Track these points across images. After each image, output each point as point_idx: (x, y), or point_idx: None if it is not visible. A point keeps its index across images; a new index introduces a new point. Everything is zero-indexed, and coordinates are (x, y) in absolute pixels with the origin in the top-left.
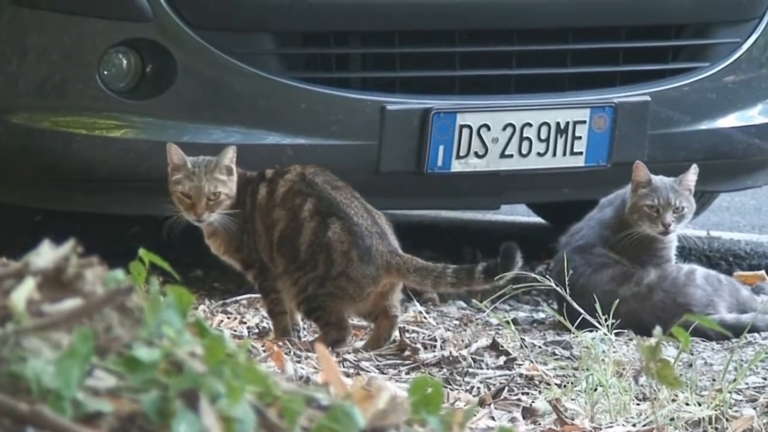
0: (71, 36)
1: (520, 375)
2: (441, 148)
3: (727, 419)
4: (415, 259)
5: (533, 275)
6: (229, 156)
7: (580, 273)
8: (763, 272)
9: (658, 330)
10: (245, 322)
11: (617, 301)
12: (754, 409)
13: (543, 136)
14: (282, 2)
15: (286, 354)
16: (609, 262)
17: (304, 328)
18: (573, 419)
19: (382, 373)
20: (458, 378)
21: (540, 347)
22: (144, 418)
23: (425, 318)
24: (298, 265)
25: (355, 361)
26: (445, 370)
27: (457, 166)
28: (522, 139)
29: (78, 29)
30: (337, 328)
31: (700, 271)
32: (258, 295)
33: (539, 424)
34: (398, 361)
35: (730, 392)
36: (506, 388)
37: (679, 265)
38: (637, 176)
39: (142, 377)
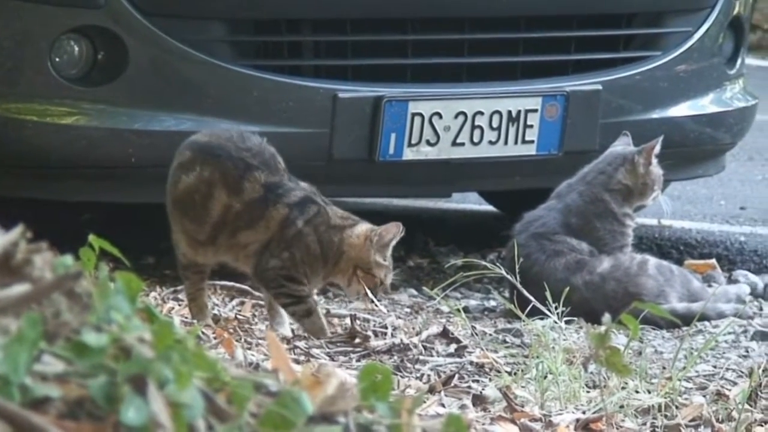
0: (23, 22)
1: (471, 362)
2: (393, 136)
3: (676, 407)
4: None
5: (484, 263)
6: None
7: (534, 260)
8: (713, 261)
9: (607, 318)
10: None
11: (568, 289)
12: (704, 396)
13: (495, 124)
14: None
15: (237, 341)
16: (564, 250)
17: (254, 315)
18: (523, 406)
19: (333, 360)
20: (409, 365)
21: (491, 335)
22: (92, 403)
23: (376, 305)
24: None
25: (305, 348)
26: (395, 357)
27: (408, 154)
28: (474, 127)
29: (29, 16)
30: None
31: (653, 261)
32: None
33: (489, 411)
34: (349, 349)
35: (679, 380)
36: (456, 376)
37: (632, 255)
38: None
39: (91, 362)
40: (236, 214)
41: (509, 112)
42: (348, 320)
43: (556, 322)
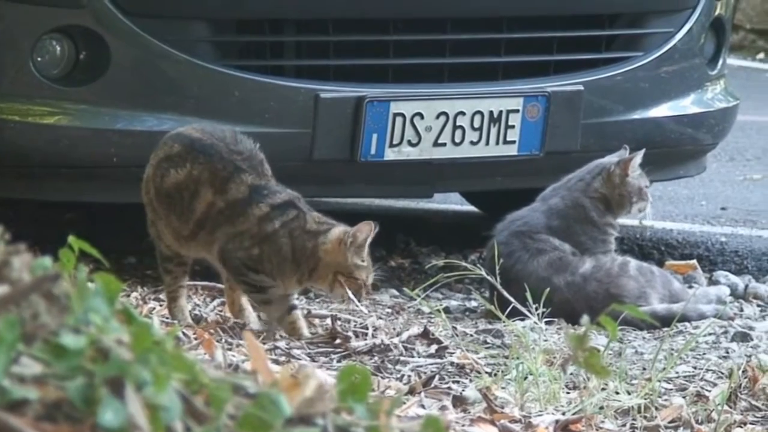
0: (4, 22)
1: (451, 363)
2: (374, 137)
3: (656, 408)
4: None
5: (465, 264)
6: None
7: (517, 258)
8: (694, 262)
9: (585, 319)
10: None
11: (549, 289)
12: (684, 397)
13: (476, 124)
14: None
15: (217, 341)
16: (547, 248)
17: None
18: (503, 407)
19: (313, 360)
20: (389, 366)
21: (471, 336)
22: (70, 405)
23: (357, 306)
24: None
25: (286, 348)
26: (376, 358)
27: (390, 155)
28: (455, 127)
29: (11, 16)
30: None
31: (634, 262)
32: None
33: (469, 412)
34: (329, 349)
35: (659, 381)
36: (437, 377)
37: (613, 256)
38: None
39: (68, 364)
40: (218, 212)
41: (491, 113)
42: (329, 321)
43: (536, 323)
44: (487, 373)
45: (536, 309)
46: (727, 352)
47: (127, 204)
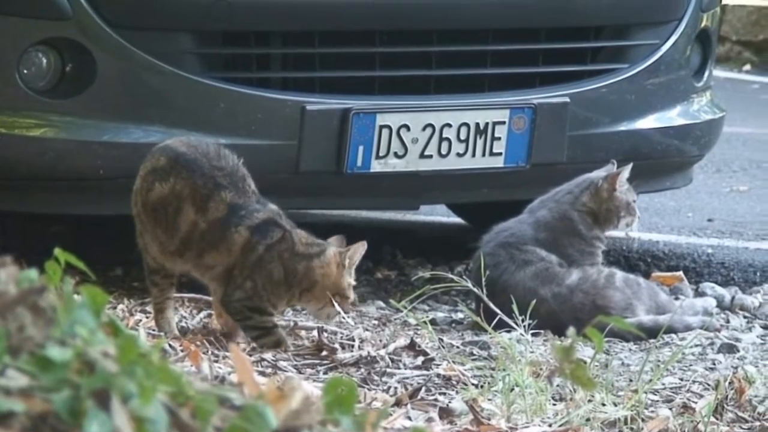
0: None
1: (438, 375)
2: (360, 149)
3: (642, 419)
4: None
5: (451, 276)
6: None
7: (504, 269)
8: (681, 273)
9: (571, 331)
10: None
11: (535, 301)
12: (670, 409)
13: (462, 136)
14: (202, 2)
15: (204, 353)
16: (534, 260)
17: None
18: (489, 419)
19: (300, 372)
20: (376, 378)
21: (458, 347)
22: (56, 417)
23: (344, 318)
24: None
25: (272, 360)
26: (362, 370)
27: (376, 167)
28: (441, 139)
29: None
30: None
31: (620, 274)
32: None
33: (455, 424)
34: (316, 361)
35: (646, 393)
36: (423, 388)
37: (599, 268)
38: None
39: (54, 377)
40: (201, 234)
41: (477, 125)
42: (315, 333)
43: (522, 335)
44: (473, 384)
45: (522, 320)
46: (714, 364)
47: (113, 216)
